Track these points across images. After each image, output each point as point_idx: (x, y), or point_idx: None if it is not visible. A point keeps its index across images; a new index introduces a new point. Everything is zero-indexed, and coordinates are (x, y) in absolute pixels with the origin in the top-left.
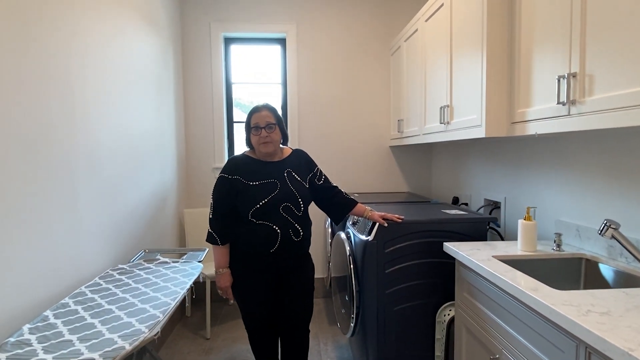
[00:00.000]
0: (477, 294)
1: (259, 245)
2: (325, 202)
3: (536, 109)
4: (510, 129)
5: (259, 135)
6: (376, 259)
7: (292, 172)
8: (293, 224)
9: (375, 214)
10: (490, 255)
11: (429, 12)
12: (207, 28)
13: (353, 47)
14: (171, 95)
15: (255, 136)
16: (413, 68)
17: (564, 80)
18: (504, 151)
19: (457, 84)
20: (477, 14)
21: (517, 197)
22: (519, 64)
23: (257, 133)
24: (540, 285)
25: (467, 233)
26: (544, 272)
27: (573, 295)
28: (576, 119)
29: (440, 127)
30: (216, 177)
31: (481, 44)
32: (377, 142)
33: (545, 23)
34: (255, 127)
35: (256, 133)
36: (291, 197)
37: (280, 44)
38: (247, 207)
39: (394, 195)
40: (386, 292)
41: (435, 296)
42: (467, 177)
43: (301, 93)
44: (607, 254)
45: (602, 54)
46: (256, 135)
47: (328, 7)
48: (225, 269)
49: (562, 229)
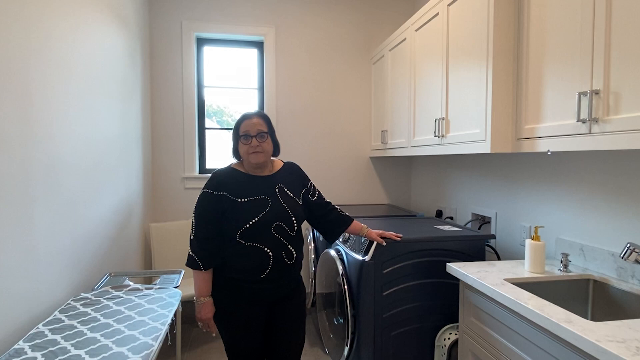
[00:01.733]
0: (488, 319)
1: (249, 271)
2: (319, 220)
3: (548, 125)
4: (516, 145)
5: (249, 144)
6: (374, 281)
7: (284, 188)
8: (286, 246)
9: (373, 232)
10: (501, 278)
11: (421, 22)
12: (179, 27)
13: (333, 54)
14: (138, 99)
15: (244, 145)
16: (399, 78)
17: (585, 97)
18: (495, 165)
19: (454, 96)
20: (481, 26)
21: (510, 212)
22: (526, 78)
23: (246, 142)
24: (572, 315)
25: (466, 251)
26: (553, 294)
27: (611, 327)
28: (599, 138)
29: (435, 140)
30: (185, 187)
31: (486, 57)
32: (357, 153)
33: (560, 38)
34: (245, 135)
35: (246, 142)
36: (284, 216)
37: (258, 48)
38: (235, 227)
39: (375, 207)
40: (383, 315)
41: (433, 319)
42: (452, 190)
43: (279, 100)
44: (617, 275)
45: (631, 71)
46: (246, 144)
47: (308, 12)
48: (207, 298)
49: (564, 248)
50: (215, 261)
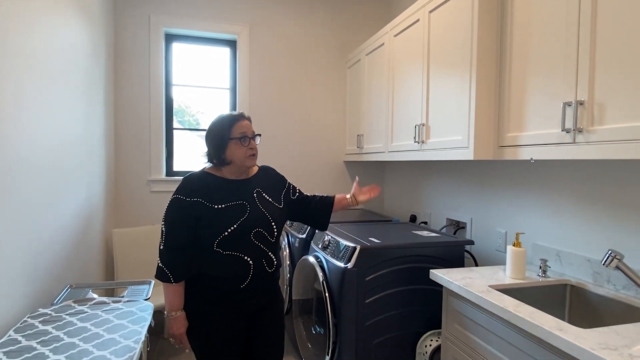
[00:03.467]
0: (473, 326)
1: (228, 281)
2: (305, 214)
3: (531, 134)
4: (497, 153)
5: (247, 146)
6: (356, 288)
7: (262, 192)
8: (266, 253)
9: (357, 196)
10: (486, 284)
11: (400, 27)
12: (146, 21)
13: (308, 56)
14: (101, 96)
15: (242, 148)
16: (377, 83)
17: (570, 108)
18: (471, 171)
19: (435, 102)
20: (465, 34)
21: (485, 218)
22: (509, 86)
23: (245, 144)
24: (563, 323)
25: (446, 257)
26: (533, 299)
27: (600, 334)
28: (584, 147)
29: (414, 146)
30: (151, 190)
31: (470, 65)
32: (332, 157)
33: (544, 48)
34: (242, 137)
35: (245, 144)
36: (263, 221)
37: (230, 47)
38: (213, 235)
39: (349, 212)
40: (365, 324)
41: (415, 325)
42: (427, 195)
43: (252, 101)
44: (593, 280)
45: (616, 83)
46: (244, 146)
47: (283, 13)
48: (179, 312)
49: (541, 253)
50: (188, 273)
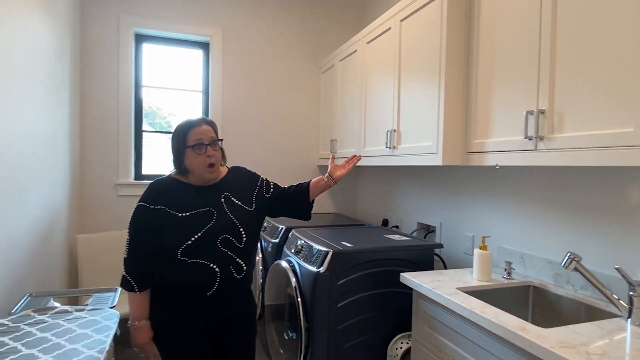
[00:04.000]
0: (442, 328)
1: (193, 289)
2: (284, 207)
3: (496, 140)
4: (465, 159)
5: (203, 154)
6: (328, 293)
7: (230, 197)
8: (234, 259)
9: (333, 173)
10: (454, 287)
11: (372, 35)
12: (116, 21)
13: (282, 60)
14: (67, 97)
15: (198, 156)
16: (350, 89)
17: (532, 116)
18: (442, 176)
19: (405, 109)
20: (434, 43)
21: (454, 222)
22: (476, 95)
23: (200, 152)
24: (526, 323)
25: (416, 260)
26: (499, 300)
27: (560, 333)
28: (545, 154)
29: (386, 151)
30: (118, 195)
31: (439, 73)
32: (305, 161)
33: (508, 60)
34: (197, 145)
35: (200, 152)
36: (231, 228)
37: (203, 49)
38: (176, 243)
39: (322, 216)
40: (338, 328)
41: (385, 328)
42: (399, 200)
43: (225, 104)
44: (554, 281)
45: (574, 94)
46: (200, 154)
47: (257, 16)
48: (143, 322)
49: (505, 256)
50: (152, 281)
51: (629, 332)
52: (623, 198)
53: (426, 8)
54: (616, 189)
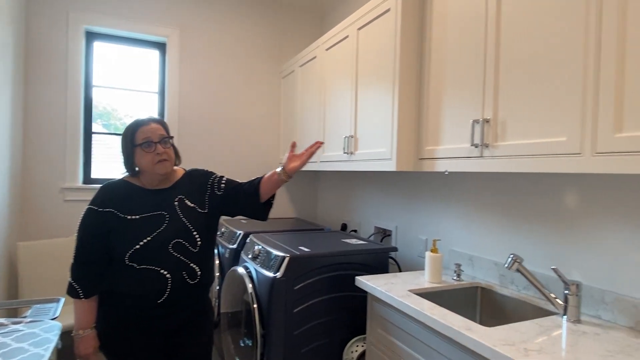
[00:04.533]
0: (394, 329)
1: (142, 297)
2: (237, 206)
3: (446, 147)
4: (417, 165)
5: (153, 152)
6: (285, 298)
7: (184, 200)
8: (187, 264)
9: (287, 166)
10: (406, 289)
11: (331, 42)
12: (64, 17)
13: (242, 64)
14: (7, 96)
15: (147, 154)
16: (310, 94)
17: (478, 125)
18: (397, 182)
19: (362, 116)
20: (388, 52)
21: (409, 226)
22: (427, 103)
23: (149, 150)
24: (471, 323)
25: (372, 264)
26: (449, 301)
27: (502, 331)
28: (489, 161)
29: (344, 157)
30: (65, 199)
31: (393, 82)
32: (266, 165)
33: (457, 70)
34: (146, 143)
35: (149, 150)
36: (183, 232)
37: (159, 49)
38: (124, 248)
39: (283, 221)
40: (294, 333)
41: (341, 332)
42: (357, 204)
43: (182, 107)
44: (499, 282)
45: (515, 105)
46: (149, 152)
47: (217, 19)
48: (89, 331)
49: (456, 258)
50: (99, 288)
51: (565, 329)
52: (560, 203)
53: (381, 18)
54: (554, 195)
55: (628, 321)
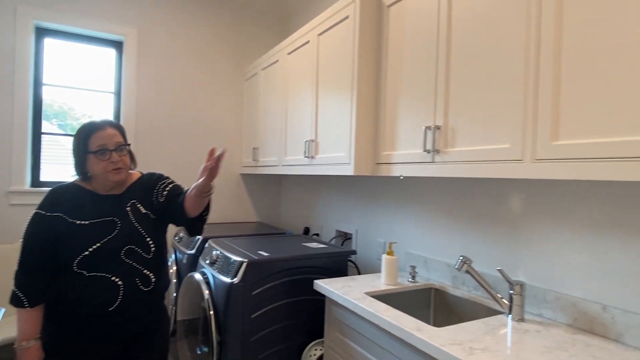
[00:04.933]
0: (351, 332)
1: (92, 305)
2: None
3: (401, 153)
4: (375, 169)
5: (108, 160)
6: (242, 304)
7: (137, 205)
8: (140, 271)
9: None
10: (362, 292)
11: (293, 46)
12: (12, 11)
13: (204, 66)
14: None
15: (101, 162)
16: (272, 98)
17: (430, 131)
18: (357, 186)
19: (323, 120)
20: (347, 58)
21: (369, 229)
22: (384, 109)
23: (104, 157)
24: (422, 324)
25: (331, 267)
26: (404, 303)
27: (451, 331)
28: (439, 166)
29: (305, 161)
30: (10, 203)
31: (351, 88)
32: (227, 169)
33: (411, 78)
34: (101, 150)
35: (103, 157)
36: (136, 238)
37: (116, 48)
38: (72, 254)
39: (245, 225)
40: (251, 339)
41: (301, 336)
42: (319, 208)
43: (140, 108)
44: (452, 283)
45: (464, 113)
46: (103, 160)
47: (178, 19)
48: (33, 342)
49: (412, 260)
50: (45, 296)
51: (510, 327)
52: (506, 207)
53: (340, 25)
54: (501, 199)
55: (567, 318)
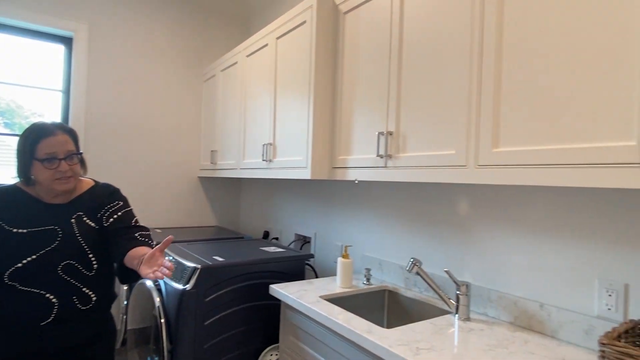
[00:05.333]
0: (305, 336)
1: (25, 321)
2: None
3: (356, 157)
4: (331, 173)
5: (56, 169)
6: (195, 311)
7: (83, 217)
8: (79, 289)
9: (142, 268)
10: (317, 295)
11: (252, 49)
12: None
13: (161, 66)
14: None
15: (48, 170)
16: (231, 100)
17: (383, 137)
18: (315, 189)
19: (281, 124)
20: (305, 63)
21: (327, 233)
22: (340, 114)
23: (52, 166)
24: (373, 326)
25: (288, 271)
26: (359, 305)
27: (400, 332)
28: (392, 171)
29: (263, 164)
30: None
31: (308, 92)
32: (185, 172)
33: (366, 84)
34: (48, 160)
35: (51, 166)
36: (77, 253)
37: (65, 44)
38: (4, 265)
39: (203, 230)
40: (204, 347)
41: (256, 342)
42: (278, 212)
43: (91, 107)
44: (405, 285)
45: (414, 120)
46: (51, 168)
47: (133, 16)
48: None
49: (368, 263)
50: None
51: (456, 327)
52: (454, 210)
53: (298, 29)
54: (449, 202)
55: (509, 317)
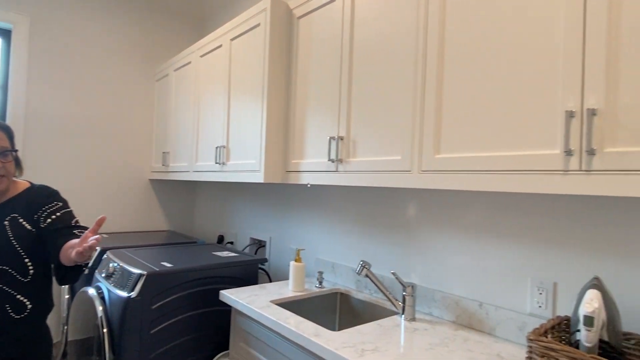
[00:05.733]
0: (256, 342)
1: None
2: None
3: (309, 161)
4: (284, 177)
5: None
6: (140, 319)
7: (19, 219)
8: (13, 296)
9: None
10: (268, 300)
11: (206, 49)
12: None
13: (110, 63)
14: None
15: None
16: (184, 100)
17: (334, 141)
18: (270, 193)
19: (234, 126)
20: (258, 66)
21: (282, 236)
22: (294, 118)
23: None
24: (320, 329)
25: (240, 276)
26: (311, 308)
27: (347, 334)
28: (342, 175)
29: (216, 167)
30: None
31: (262, 95)
32: (135, 174)
33: (319, 89)
34: None
35: None
36: (11, 258)
37: (3, 37)
38: None
39: (155, 234)
40: (150, 356)
41: (206, 349)
42: (233, 216)
43: (32, 104)
44: (356, 287)
45: (363, 126)
46: None
47: (79, 10)
48: None
49: (321, 266)
50: None
51: (402, 327)
52: (402, 214)
53: (252, 32)
54: (397, 206)
55: (451, 316)
